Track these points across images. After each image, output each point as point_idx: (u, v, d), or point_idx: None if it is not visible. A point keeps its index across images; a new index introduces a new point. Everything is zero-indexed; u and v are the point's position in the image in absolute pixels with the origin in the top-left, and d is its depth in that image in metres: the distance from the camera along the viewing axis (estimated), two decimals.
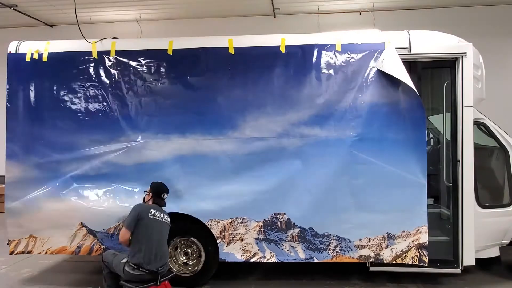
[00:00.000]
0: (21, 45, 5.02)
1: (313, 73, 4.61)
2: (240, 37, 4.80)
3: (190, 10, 9.58)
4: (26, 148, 4.84)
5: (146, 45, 4.92)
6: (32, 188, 4.82)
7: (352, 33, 4.83)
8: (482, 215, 4.69)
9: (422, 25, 5.83)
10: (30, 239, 4.89)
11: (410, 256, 4.49)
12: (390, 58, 4.41)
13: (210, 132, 4.69)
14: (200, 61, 4.74)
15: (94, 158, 4.78)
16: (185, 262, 4.97)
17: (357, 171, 4.52)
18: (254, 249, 4.68)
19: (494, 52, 8.48)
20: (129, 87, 4.81)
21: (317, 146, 4.56)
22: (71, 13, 9.09)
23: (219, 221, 4.71)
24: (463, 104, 4.51)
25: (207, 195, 4.67)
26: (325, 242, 4.60)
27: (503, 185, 4.95)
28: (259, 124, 4.64)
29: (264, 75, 4.66)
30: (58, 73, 4.88)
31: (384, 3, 9.24)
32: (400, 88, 4.46)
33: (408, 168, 4.44)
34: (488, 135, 4.95)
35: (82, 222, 4.79)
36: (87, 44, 4.91)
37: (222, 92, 4.70)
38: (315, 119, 4.58)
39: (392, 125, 4.49)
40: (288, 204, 4.62)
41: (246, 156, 4.64)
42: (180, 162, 4.71)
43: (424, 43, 4.58)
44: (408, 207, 4.45)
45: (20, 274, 5.49)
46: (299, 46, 4.66)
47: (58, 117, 4.84)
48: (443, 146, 5.03)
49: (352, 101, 4.55)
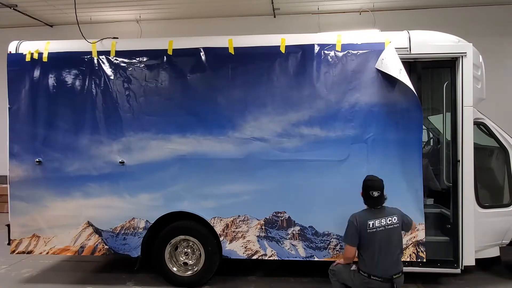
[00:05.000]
0: (21, 45, 5.03)
1: (313, 73, 4.61)
2: (240, 37, 4.81)
3: (190, 10, 9.58)
4: (29, 148, 4.86)
5: (146, 45, 4.93)
6: (36, 187, 4.84)
7: (352, 33, 4.82)
8: (482, 215, 4.69)
9: (422, 25, 5.83)
10: (32, 238, 4.92)
11: (408, 253, 4.52)
12: (390, 58, 4.41)
13: (211, 132, 4.70)
14: (200, 61, 4.75)
15: (96, 157, 4.80)
16: (185, 262, 5.00)
17: (355, 171, 4.52)
18: (255, 246, 4.70)
19: (494, 52, 8.49)
20: (129, 87, 4.82)
21: (316, 145, 4.57)
22: (71, 13, 9.11)
23: (222, 219, 4.74)
24: (463, 104, 4.51)
25: (210, 193, 4.70)
26: (325, 240, 4.62)
27: (503, 185, 4.95)
28: (259, 123, 4.65)
29: (264, 75, 4.66)
30: (58, 73, 4.88)
31: (384, 3, 9.25)
32: (400, 88, 4.46)
33: (405, 167, 4.47)
34: (488, 135, 4.95)
35: (89, 221, 4.82)
36: (87, 44, 4.91)
37: (222, 92, 4.71)
38: (315, 119, 4.59)
39: (390, 125, 4.50)
40: (288, 202, 4.65)
41: (246, 155, 4.65)
42: (181, 162, 4.72)
43: (424, 43, 4.58)
44: (406, 205, 4.46)
45: (20, 274, 5.49)
46: (299, 46, 4.67)
47: (59, 117, 4.85)
48: (443, 146, 5.03)
49: (351, 101, 4.55)
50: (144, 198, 4.77)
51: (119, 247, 4.83)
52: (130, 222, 4.81)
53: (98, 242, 4.82)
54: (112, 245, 4.82)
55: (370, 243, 3.59)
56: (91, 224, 4.84)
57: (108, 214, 4.81)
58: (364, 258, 3.67)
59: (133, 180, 4.78)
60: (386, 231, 3.62)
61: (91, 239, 4.83)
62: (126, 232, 4.82)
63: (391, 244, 3.62)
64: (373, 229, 3.60)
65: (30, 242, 4.93)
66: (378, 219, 3.63)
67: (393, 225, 3.66)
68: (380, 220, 3.63)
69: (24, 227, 4.91)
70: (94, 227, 4.83)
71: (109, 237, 4.82)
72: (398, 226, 3.69)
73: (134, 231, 4.81)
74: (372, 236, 3.59)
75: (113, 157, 4.79)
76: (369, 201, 3.77)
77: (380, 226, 3.61)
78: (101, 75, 4.85)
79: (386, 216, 3.67)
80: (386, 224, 3.63)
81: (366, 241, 3.61)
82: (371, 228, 3.59)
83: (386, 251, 3.60)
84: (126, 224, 4.82)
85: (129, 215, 4.80)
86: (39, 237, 4.91)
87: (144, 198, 4.77)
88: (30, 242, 4.93)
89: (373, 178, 3.87)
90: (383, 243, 3.60)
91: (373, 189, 3.73)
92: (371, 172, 4.48)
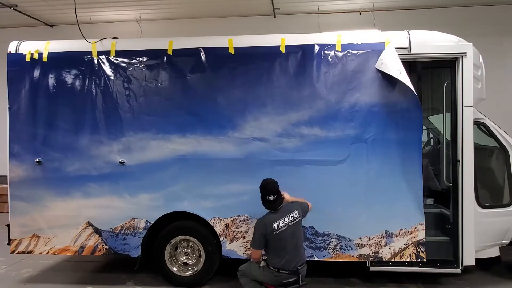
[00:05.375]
0: (21, 45, 5.03)
1: (313, 73, 4.61)
2: (240, 37, 4.81)
3: (190, 10, 9.58)
4: (29, 148, 4.87)
5: (146, 45, 4.93)
6: (36, 187, 4.85)
7: (352, 33, 4.82)
8: (482, 215, 4.69)
9: (422, 25, 5.83)
10: (32, 238, 4.92)
11: (408, 253, 4.53)
12: (390, 58, 4.41)
13: (211, 132, 4.70)
14: (200, 61, 4.74)
15: (96, 157, 4.80)
16: (185, 262, 5.00)
17: (355, 171, 4.54)
18: None
19: (494, 52, 8.49)
20: (129, 87, 4.82)
21: (316, 145, 4.57)
22: (71, 13, 9.12)
23: (222, 219, 4.74)
24: (463, 104, 4.52)
25: (210, 193, 4.70)
26: (325, 240, 4.63)
27: (503, 185, 4.95)
28: (259, 123, 4.65)
29: (264, 75, 4.66)
30: (58, 73, 4.88)
31: (384, 3, 9.25)
32: (400, 88, 4.46)
33: (405, 167, 4.47)
34: (488, 135, 4.95)
35: (89, 221, 4.82)
36: (87, 44, 4.91)
37: (222, 92, 4.71)
38: (315, 119, 4.59)
39: (390, 125, 4.51)
40: None
41: (246, 155, 4.65)
42: (181, 162, 4.72)
43: (424, 43, 4.58)
44: (406, 205, 4.49)
45: (20, 274, 5.49)
46: (299, 46, 4.67)
47: (59, 117, 4.85)
48: (443, 146, 5.03)
49: (351, 101, 4.55)
50: (144, 198, 4.77)
51: (119, 247, 4.83)
52: (130, 222, 4.81)
53: (98, 242, 4.82)
54: (112, 245, 4.82)
55: (277, 243, 3.84)
56: (91, 224, 4.84)
57: (108, 214, 4.81)
58: (272, 255, 3.91)
59: (133, 180, 4.78)
60: (290, 228, 3.87)
61: (91, 239, 4.84)
62: (126, 232, 4.82)
63: (295, 239, 3.89)
64: (279, 230, 3.83)
65: (30, 242, 4.93)
66: (281, 219, 3.87)
67: (295, 220, 3.93)
68: (284, 219, 3.87)
69: (24, 227, 4.92)
70: (94, 227, 4.84)
71: (109, 237, 4.82)
72: (299, 219, 3.96)
73: (134, 231, 4.81)
74: (279, 236, 3.83)
75: (113, 157, 4.80)
76: (268, 205, 3.99)
77: (284, 225, 3.86)
78: (101, 75, 4.85)
79: (288, 214, 3.92)
80: (289, 222, 3.89)
81: (274, 241, 3.85)
82: (277, 230, 3.83)
83: (292, 246, 3.87)
84: (126, 224, 4.82)
85: (129, 215, 4.80)
86: (39, 237, 4.92)
87: (144, 198, 4.77)
88: (30, 242, 4.93)
89: (268, 182, 4.06)
90: (289, 240, 3.86)
91: (269, 194, 3.95)
92: (371, 172, 4.51)
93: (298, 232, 3.97)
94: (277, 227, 3.83)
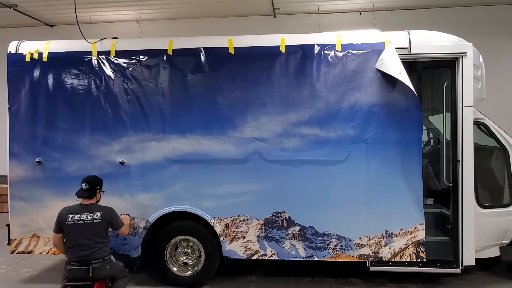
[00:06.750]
0: (21, 45, 5.03)
1: (313, 73, 4.61)
2: (240, 37, 4.80)
3: (190, 10, 9.58)
4: (29, 148, 4.87)
5: (146, 45, 4.93)
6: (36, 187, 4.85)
7: (352, 33, 4.82)
8: (482, 215, 4.69)
9: (422, 25, 5.84)
10: (32, 238, 4.92)
11: (408, 253, 4.52)
12: (390, 58, 4.41)
13: (211, 132, 4.70)
14: (200, 61, 4.74)
15: (96, 157, 4.80)
16: (185, 262, 4.99)
17: (355, 170, 4.53)
18: (255, 246, 4.70)
19: (494, 52, 8.50)
20: (129, 87, 4.82)
21: (316, 145, 4.57)
22: (71, 13, 9.11)
23: (222, 219, 4.74)
24: (463, 104, 4.51)
25: (210, 193, 4.70)
26: (325, 240, 4.62)
27: (503, 185, 4.95)
28: (259, 123, 4.65)
29: (264, 75, 4.66)
30: (58, 73, 4.88)
31: (384, 3, 9.25)
32: (400, 88, 4.46)
33: (405, 167, 4.47)
34: (488, 135, 4.95)
35: None
36: (87, 44, 4.91)
37: (222, 92, 4.71)
38: (315, 118, 4.59)
39: (390, 125, 4.51)
40: (288, 202, 4.65)
41: (246, 155, 4.65)
42: (181, 162, 4.72)
43: (424, 43, 4.58)
44: (406, 205, 4.49)
45: (20, 274, 5.49)
46: (299, 46, 4.67)
47: (59, 117, 4.85)
48: (443, 146, 5.03)
49: (351, 100, 4.55)
50: (144, 198, 4.77)
51: (119, 247, 4.83)
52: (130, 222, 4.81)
53: None
54: (112, 245, 4.79)
55: (67, 233, 3.97)
56: None
57: None
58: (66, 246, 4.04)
59: (133, 180, 4.78)
60: (84, 224, 3.96)
61: None
62: None
63: (86, 236, 3.94)
64: (71, 221, 3.95)
65: (30, 242, 4.93)
66: (79, 214, 3.99)
67: (93, 220, 4.00)
68: (81, 215, 3.98)
69: (24, 227, 4.92)
70: None
71: None
72: (99, 222, 4.01)
73: (134, 231, 4.81)
74: (70, 227, 3.95)
75: (113, 157, 4.80)
76: (78, 192, 4.11)
77: (79, 220, 3.96)
78: (101, 75, 4.85)
79: (89, 212, 4.02)
80: (86, 219, 3.98)
81: (66, 231, 3.98)
82: (70, 221, 3.96)
83: (81, 241, 3.93)
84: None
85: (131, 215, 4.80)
86: (39, 237, 4.91)
87: (144, 198, 4.77)
88: (30, 242, 4.93)
89: (94, 176, 4.31)
90: (78, 234, 3.94)
91: (84, 182, 4.13)
92: (371, 172, 4.51)
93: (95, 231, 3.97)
94: (71, 219, 3.95)
